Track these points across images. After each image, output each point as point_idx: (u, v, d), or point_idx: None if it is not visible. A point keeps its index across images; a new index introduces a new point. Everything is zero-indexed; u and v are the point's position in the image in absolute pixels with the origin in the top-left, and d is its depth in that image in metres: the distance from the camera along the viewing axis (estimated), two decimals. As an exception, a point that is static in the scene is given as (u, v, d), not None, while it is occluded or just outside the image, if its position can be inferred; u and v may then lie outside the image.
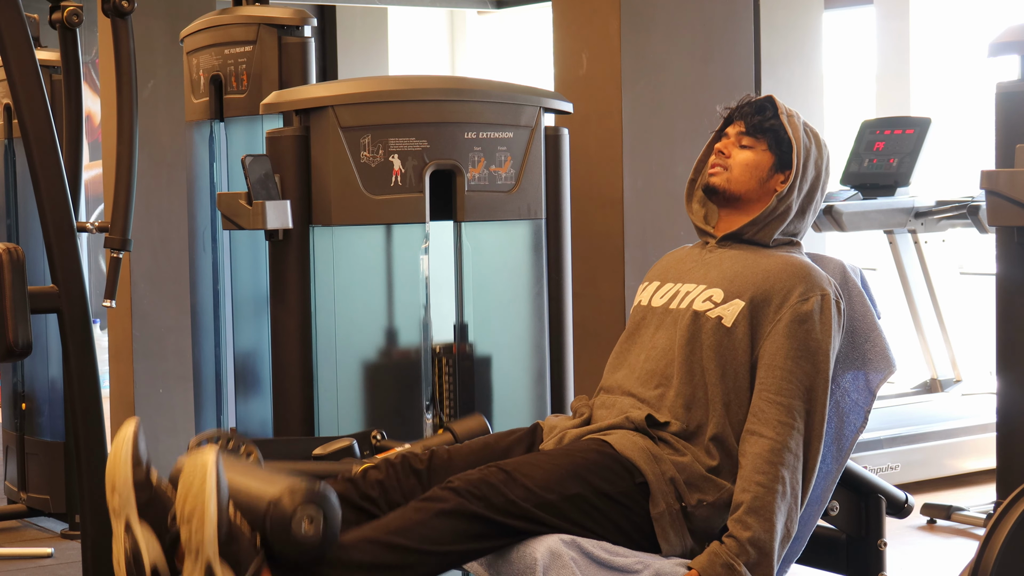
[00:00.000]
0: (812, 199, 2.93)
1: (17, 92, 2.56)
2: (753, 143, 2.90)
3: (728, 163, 2.90)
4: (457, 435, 3.01)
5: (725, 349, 2.77)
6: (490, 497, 2.53)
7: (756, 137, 2.90)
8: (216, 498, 2.32)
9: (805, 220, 2.94)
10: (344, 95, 3.34)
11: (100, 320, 8.03)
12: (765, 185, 2.90)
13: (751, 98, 2.94)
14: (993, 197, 3.24)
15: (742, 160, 2.90)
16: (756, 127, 2.90)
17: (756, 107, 2.92)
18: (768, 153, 2.90)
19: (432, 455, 2.74)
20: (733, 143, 2.92)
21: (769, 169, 2.90)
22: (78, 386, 2.60)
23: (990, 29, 6.44)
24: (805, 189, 2.90)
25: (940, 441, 5.44)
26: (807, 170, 2.90)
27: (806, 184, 2.90)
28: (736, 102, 2.95)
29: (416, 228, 3.41)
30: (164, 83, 5.62)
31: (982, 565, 2.52)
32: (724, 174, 2.90)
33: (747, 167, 2.90)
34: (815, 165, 2.92)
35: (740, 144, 2.91)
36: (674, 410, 2.76)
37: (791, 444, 2.69)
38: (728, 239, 2.93)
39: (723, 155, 2.91)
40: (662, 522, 2.66)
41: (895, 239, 5.85)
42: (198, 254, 4.16)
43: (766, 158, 2.90)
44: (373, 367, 3.41)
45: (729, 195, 2.90)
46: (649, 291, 2.96)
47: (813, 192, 2.92)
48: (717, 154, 2.92)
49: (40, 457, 5.09)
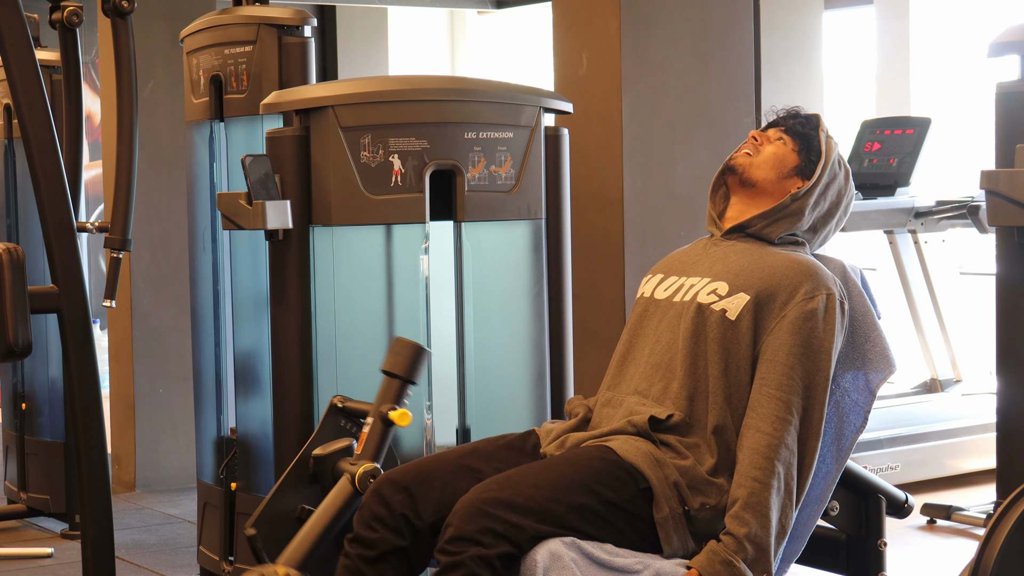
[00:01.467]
0: (827, 222, 2.99)
1: (17, 92, 2.56)
2: (786, 140, 2.99)
3: (757, 149, 2.98)
4: (394, 371, 2.96)
5: (729, 342, 2.78)
6: (496, 528, 2.53)
7: (790, 136, 2.99)
8: None
9: (815, 238, 3.00)
10: (344, 95, 3.34)
11: (100, 320, 8.03)
12: (783, 182, 2.95)
13: (801, 109, 3.06)
14: (993, 197, 3.24)
15: (770, 152, 2.98)
16: (793, 128, 2.99)
17: (801, 115, 3.03)
18: (795, 155, 2.97)
19: (415, 470, 2.74)
20: (768, 136, 3.00)
21: (792, 168, 2.96)
22: (78, 386, 2.59)
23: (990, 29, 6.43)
24: (823, 207, 2.97)
25: (940, 441, 5.44)
26: (828, 189, 2.97)
27: (824, 202, 2.96)
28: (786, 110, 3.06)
29: (416, 228, 3.41)
30: (164, 83, 5.62)
31: (982, 565, 2.52)
32: (749, 158, 2.98)
33: (772, 158, 2.97)
34: (837, 192, 2.99)
35: (774, 138, 3.00)
36: (678, 402, 2.77)
37: (787, 440, 2.70)
38: (735, 231, 2.94)
39: (755, 141, 3.00)
40: (666, 526, 2.66)
41: (895, 239, 5.85)
42: (198, 254, 4.16)
43: (792, 158, 2.97)
44: (373, 367, 3.41)
45: (746, 179, 2.95)
46: (652, 283, 2.97)
47: (829, 217, 2.99)
48: (750, 140, 3.01)
49: (40, 457, 5.09)
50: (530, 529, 2.54)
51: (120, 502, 5.38)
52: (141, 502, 5.45)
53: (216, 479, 4.05)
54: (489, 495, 2.56)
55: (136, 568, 4.55)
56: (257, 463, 3.88)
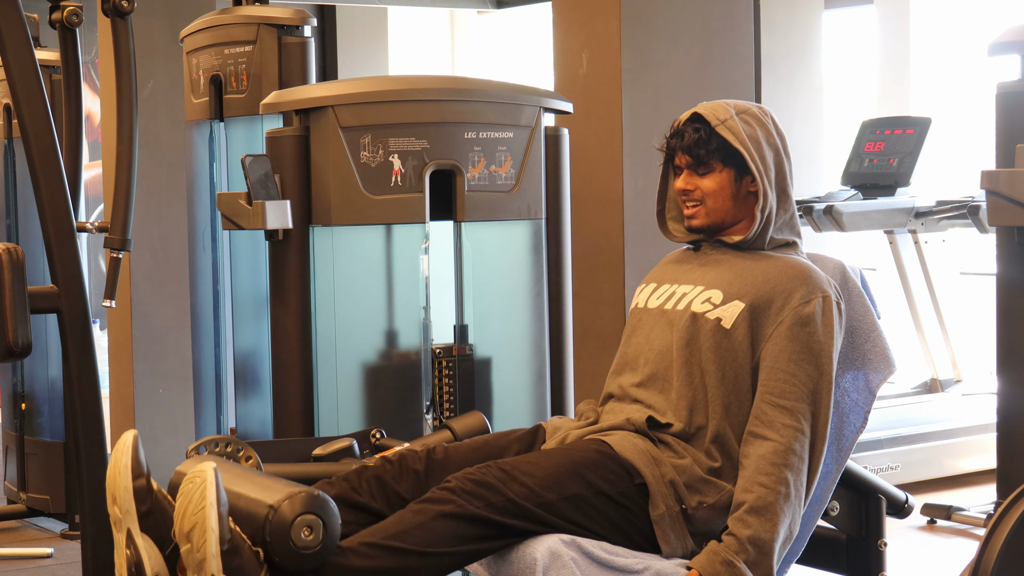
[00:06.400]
0: (784, 177, 2.87)
1: (17, 92, 2.56)
2: (706, 170, 2.86)
3: (697, 197, 2.87)
4: (456, 433, 3.01)
5: (724, 351, 2.76)
6: (489, 497, 2.53)
7: (707, 164, 2.85)
8: (216, 513, 2.31)
9: (789, 198, 2.89)
10: (344, 95, 3.34)
11: (100, 320, 8.03)
12: (740, 198, 2.87)
13: (682, 126, 2.88)
14: (993, 197, 3.24)
15: (708, 189, 2.86)
16: (700, 159, 2.85)
17: (694, 139, 2.85)
18: (727, 170, 2.85)
19: (430, 454, 2.74)
20: (690, 180, 2.87)
21: (734, 183, 2.85)
22: (78, 386, 2.60)
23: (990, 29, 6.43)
24: (772, 174, 2.85)
25: (940, 441, 5.44)
26: (766, 159, 2.84)
27: (771, 170, 2.85)
28: (670, 132, 2.90)
29: (416, 228, 3.41)
30: (164, 83, 5.62)
31: (982, 565, 2.52)
32: (700, 210, 2.87)
33: (716, 193, 2.85)
34: (769, 145, 2.86)
35: (698, 173, 2.87)
36: (677, 412, 2.75)
37: (795, 447, 2.69)
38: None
39: (689, 193, 2.88)
40: (662, 524, 2.66)
41: (895, 239, 5.85)
42: (198, 254, 4.16)
43: (727, 175, 2.85)
44: (373, 367, 3.41)
45: (715, 227, 2.88)
46: (646, 293, 2.95)
47: (781, 168, 2.87)
48: (682, 194, 2.89)
49: (40, 457, 5.09)
50: (524, 509, 2.54)
51: (120, 502, 5.37)
52: (141, 502, 5.45)
53: (216, 479, 4.05)
54: (489, 473, 2.57)
55: (136, 568, 4.55)
56: (257, 463, 3.88)
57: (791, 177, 2.90)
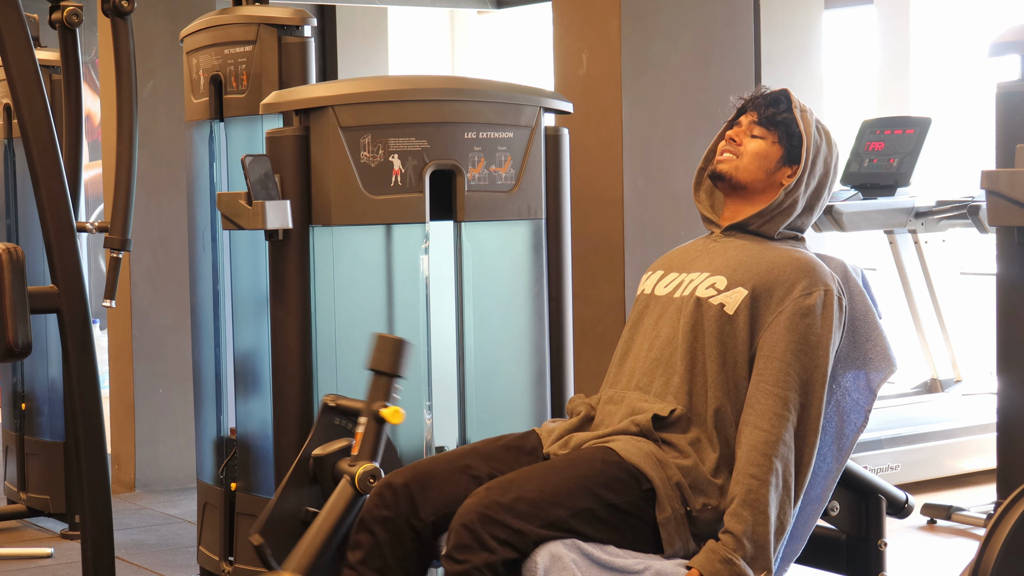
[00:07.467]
0: (819, 196, 2.94)
1: (17, 92, 2.56)
2: (764, 134, 2.91)
3: (739, 151, 2.92)
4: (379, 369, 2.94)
5: (726, 336, 2.77)
6: (499, 535, 2.52)
7: (768, 128, 2.91)
8: None
9: (811, 216, 2.95)
10: (344, 95, 3.34)
11: (100, 320, 8.03)
12: (772, 177, 2.91)
13: (766, 89, 2.96)
14: (993, 197, 3.24)
15: (752, 149, 2.91)
16: (769, 119, 2.91)
17: (770, 99, 2.93)
18: (778, 146, 2.91)
19: (413, 472, 2.74)
20: (745, 132, 2.93)
21: (778, 161, 2.91)
22: (78, 386, 2.59)
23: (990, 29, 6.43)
24: (813, 185, 2.92)
25: (940, 441, 5.44)
26: (815, 166, 2.91)
27: (814, 180, 2.91)
28: (751, 93, 2.97)
29: (416, 228, 3.41)
30: (164, 83, 5.62)
31: (982, 565, 2.52)
32: (733, 161, 2.91)
33: (756, 156, 2.91)
34: (824, 162, 2.93)
35: (751, 134, 2.92)
36: (679, 396, 2.76)
37: (785, 436, 2.70)
38: (733, 229, 2.94)
39: (734, 142, 2.93)
40: (668, 527, 2.66)
41: (895, 239, 5.85)
42: (198, 254, 4.16)
43: (775, 150, 2.91)
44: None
45: (735, 183, 2.91)
46: (652, 280, 2.96)
47: (820, 189, 2.94)
48: (728, 141, 2.93)
49: (40, 457, 5.09)
50: (533, 535, 2.54)
51: (120, 502, 5.38)
52: (141, 502, 5.45)
53: (216, 479, 4.05)
54: (492, 499, 2.55)
55: (136, 568, 4.55)
56: (257, 463, 3.88)
57: (822, 203, 2.96)
